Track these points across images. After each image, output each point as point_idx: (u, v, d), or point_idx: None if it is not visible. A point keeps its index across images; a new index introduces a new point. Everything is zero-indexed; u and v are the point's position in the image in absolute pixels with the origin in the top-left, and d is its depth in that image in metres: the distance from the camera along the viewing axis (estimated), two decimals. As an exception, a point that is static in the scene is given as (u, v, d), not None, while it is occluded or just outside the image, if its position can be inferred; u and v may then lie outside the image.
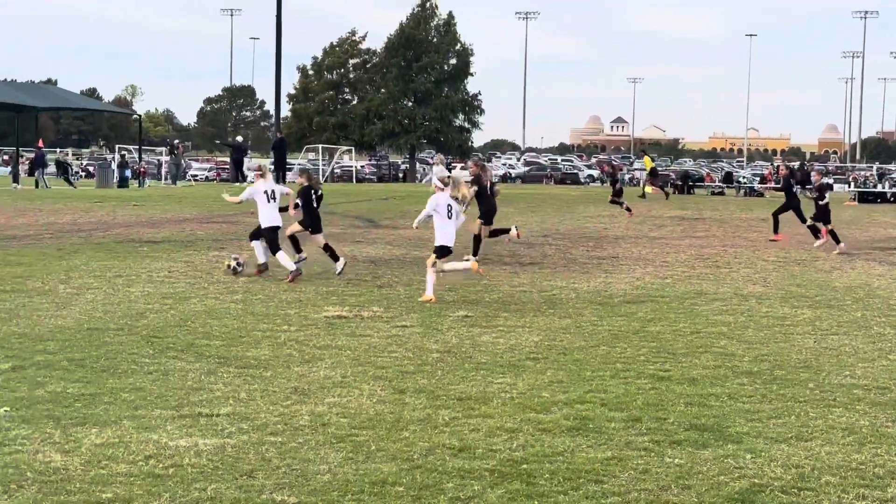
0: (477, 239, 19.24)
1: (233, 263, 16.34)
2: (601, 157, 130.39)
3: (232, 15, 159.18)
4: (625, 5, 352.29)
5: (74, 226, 24.95)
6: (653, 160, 56.09)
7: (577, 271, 17.98)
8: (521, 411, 8.15)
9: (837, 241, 22.40)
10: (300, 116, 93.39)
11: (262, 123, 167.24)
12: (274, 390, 8.72)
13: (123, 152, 68.29)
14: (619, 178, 37.75)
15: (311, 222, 16.88)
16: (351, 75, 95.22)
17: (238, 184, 55.42)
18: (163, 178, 65.26)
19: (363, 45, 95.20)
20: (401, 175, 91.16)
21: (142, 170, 61.47)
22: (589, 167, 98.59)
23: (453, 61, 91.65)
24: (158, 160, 78.51)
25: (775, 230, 25.12)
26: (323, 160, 79.03)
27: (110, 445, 6.98)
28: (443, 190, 14.95)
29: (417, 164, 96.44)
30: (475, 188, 18.36)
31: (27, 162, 69.63)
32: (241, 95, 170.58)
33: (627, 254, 21.16)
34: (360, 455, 6.93)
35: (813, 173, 27.38)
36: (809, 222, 23.63)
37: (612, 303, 14.29)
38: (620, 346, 11.03)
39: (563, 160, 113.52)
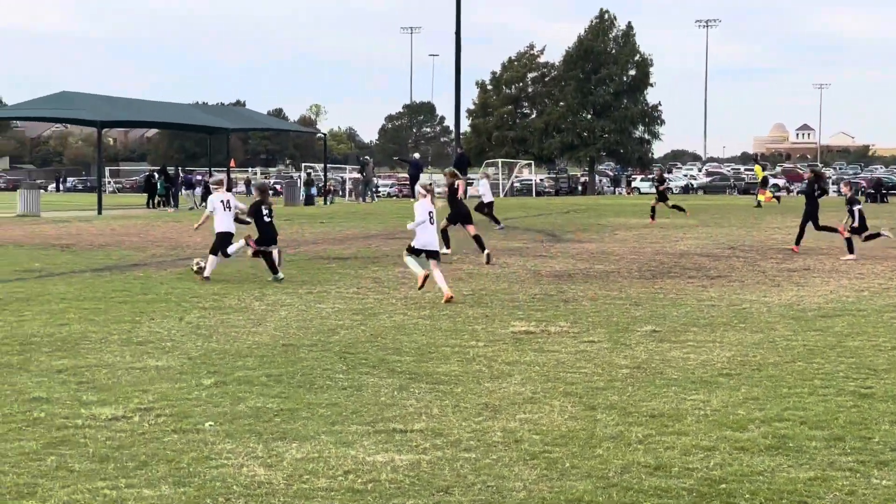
0: (444, 232, 22.06)
1: (195, 267, 18.27)
2: (785, 165, 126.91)
3: (412, 33, 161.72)
4: (809, 9, 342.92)
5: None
6: (763, 169, 55.51)
7: (768, 284, 17.54)
8: (717, 429, 7.99)
9: (850, 250, 22.17)
10: (479, 131, 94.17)
11: (442, 139, 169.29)
12: (465, 406, 8.79)
13: (309, 170, 70.01)
14: (665, 183, 37.75)
15: (263, 236, 17.96)
16: (529, 89, 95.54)
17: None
18: (348, 194, 66.67)
19: (541, 59, 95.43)
20: (580, 188, 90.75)
21: (331, 187, 62.94)
22: (774, 176, 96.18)
23: (632, 72, 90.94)
24: (342, 177, 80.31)
25: (797, 241, 24.09)
26: (503, 174, 79.43)
27: (310, 460, 7.16)
28: (425, 196, 16.02)
29: (597, 177, 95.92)
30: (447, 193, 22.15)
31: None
32: (421, 112, 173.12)
33: (819, 266, 20.54)
34: (554, 472, 6.92)
35: (842, 185, 26.41)
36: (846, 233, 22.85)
37: (806, 317, 13.88)
38: (817, 362, 10.70)
39: (746, 170, 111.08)
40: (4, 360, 10.73)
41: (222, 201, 18.38)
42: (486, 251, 21.02)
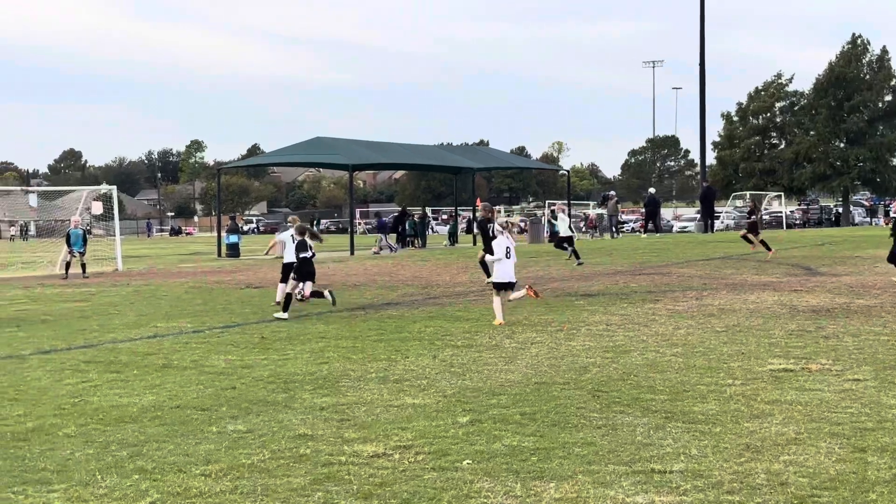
0: (483, 264, 24.68)
1: (298, 295, 19.53)
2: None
3: (654, 66, 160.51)
4: None
5: (513, 281, 25.90)
6: None
7: None
8: None
9: None
10: (725, 164, 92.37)
11: (687, 173, 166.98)
12: (725, 447, 8.55)
13: (552, 207, 70.25)
14: (758, 212, 36.45)
15: (301, 270, 19.54)
16: (777, 119, 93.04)
17: (645, 235, 55.34)
18: (595, 231, 66.53)
19: (790, 88, 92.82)
20: (833, 219, 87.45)
21: (594, 223, 62.99)
22: None
23: (888, 97, 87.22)
24: (584, 214, 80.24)
25: None
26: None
27: (569, 500, 7.11)
28: (502, 233, 17.67)
29: (851, 208, 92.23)
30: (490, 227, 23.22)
31: (465, 221, 73.49)
32: (664, 146, 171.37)
33: None
34: (824, 518, 6.62)
35: None
36: None
37: None
38: None
39: None
40: (271, 397, 11.19)
41: (292, 236, 21.56)
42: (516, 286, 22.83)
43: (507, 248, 17.42)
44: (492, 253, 22.77)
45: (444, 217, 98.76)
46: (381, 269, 32.01)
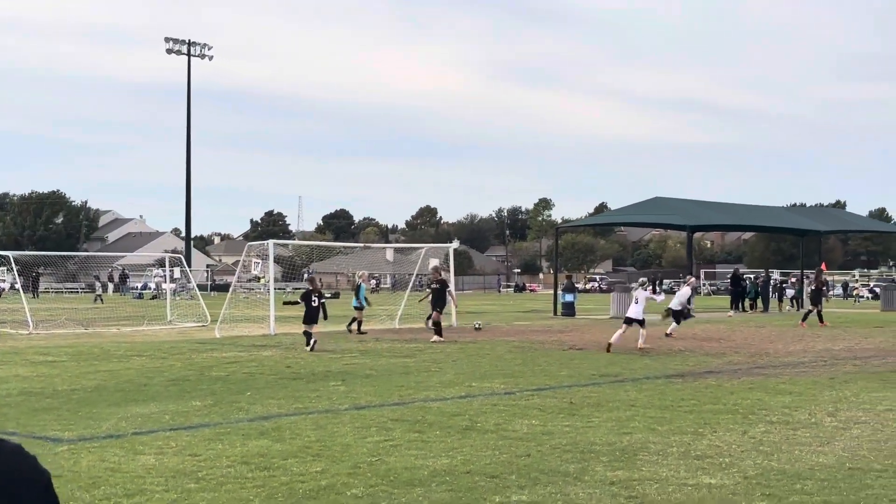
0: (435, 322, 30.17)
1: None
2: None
3: None
4: None
5: (850, 353, 24.40)
6: None
7: None
8: None
9: None
10: None
11: None
12: None
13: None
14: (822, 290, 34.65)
15: (308, 316, 25.59)
16: None
17: None
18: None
19: None
20: None
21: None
22: None
23: None
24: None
25: None
26: None
27: None
28: (637, 289, 25.33)
29: None
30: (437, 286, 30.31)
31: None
32: None
33: None
34: None
35: None
36: None
37: None
38: None
39: None
40: (563, 468, 10.87)
41: (639, 296, 25.87)
42: (437, 337, 28.86)
43: (637, 298, 25.00)
44: (439, 309, 29.80)
45: (793, 280, 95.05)
46: (712, 334, 31.04)
